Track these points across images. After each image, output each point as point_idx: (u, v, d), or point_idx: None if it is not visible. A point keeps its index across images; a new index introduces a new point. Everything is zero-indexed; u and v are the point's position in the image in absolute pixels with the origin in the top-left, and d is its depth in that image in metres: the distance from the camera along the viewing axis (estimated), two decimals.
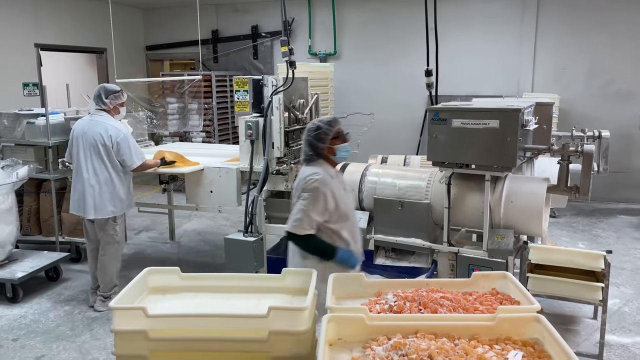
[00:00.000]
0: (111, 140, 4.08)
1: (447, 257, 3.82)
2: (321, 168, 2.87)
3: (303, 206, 2.78)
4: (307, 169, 2.89)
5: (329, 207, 2.80)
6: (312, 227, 2.79)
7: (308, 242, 2.83)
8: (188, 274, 2.47)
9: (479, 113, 3.52)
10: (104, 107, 4.19)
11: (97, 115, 4.18)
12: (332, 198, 2.81)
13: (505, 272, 2.42)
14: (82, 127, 4.18)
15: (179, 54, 10.05)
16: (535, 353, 1.87)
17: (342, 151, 2.93)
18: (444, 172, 3.73)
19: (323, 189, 2.79)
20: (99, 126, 4.11)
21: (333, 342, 2.00)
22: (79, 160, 4.14)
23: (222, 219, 6.84)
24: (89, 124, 4.17)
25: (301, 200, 2.80)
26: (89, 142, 4.10)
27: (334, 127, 2.89)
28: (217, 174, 4.52)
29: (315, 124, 2.91)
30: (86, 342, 3.81)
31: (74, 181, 4.22)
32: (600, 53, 7.39)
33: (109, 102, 4.19)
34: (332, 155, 2.91)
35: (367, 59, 8.50)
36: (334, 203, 2.82)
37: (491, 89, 7.56)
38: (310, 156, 2.92)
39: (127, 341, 2.08)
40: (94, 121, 4.16)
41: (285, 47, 4.09)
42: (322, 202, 2.78)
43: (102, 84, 4.35)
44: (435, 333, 1.98)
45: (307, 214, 2.76)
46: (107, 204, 4.13)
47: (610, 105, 7.25)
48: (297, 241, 2.87)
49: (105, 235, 4.22)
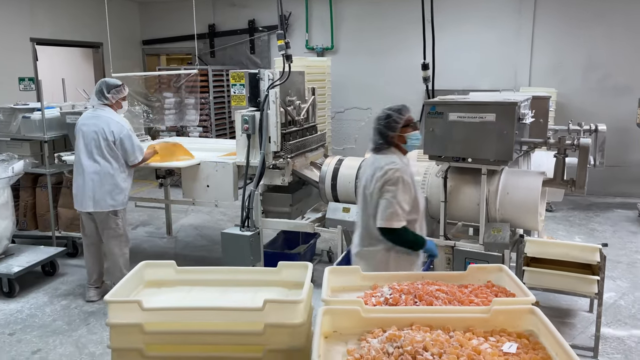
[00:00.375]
0: (114, 136, 4.08)
1: (444, 251, 3.82)
2: (394, 156, 2.82)
3: (392, 198, 2.72)
4: (381, 159, 2.84)
5: (411, 197, 2.78)
6: (405, 219, 2.76)
7: (403, 235, 2.78)
8: (184, 268, 2.47)
9: (476, 106, 3.52)
10: (106, 102, 4.19)
11: (100, 109, 4.19)
12: (412, 187, 2.80)
13: (501, 265, 2.42)
14: (85, 121, 4.19)
15: (175, 49, 10.01)
16: (530, 345, 1.88)
17: (413, 139, 2.87)
18: (441, 166, 3.73)
19: (406, 178, 2.76)
20: (102, 120, 4.12)
21: (328, 335, 2.00)
22: (80, 153, 4.14)
23: (219, 213, 6.84)
24: (91, 119, 4.17)
25: (387, 193, 2.73)
26: (90, 136, 4.10)
27: (405, 115, 2.85)
28: (213, 168, 4.52)
29: (385, 112, 2.86)
30: (83, 337, 3.81)
31: (75, 175, 4.22)
32: (597, 47, 7.39)
33: (110, 96, 4.20)
34: (402, 143, 2.87)
35: (364, 53, 8.48)
36: (413, 191, 2.80)
37: (488, 83, 7.55)
38: (380, 145, 2.87)
39: (123, 334, 2.08)
40: (97, 115, 4.16)
41: (281, 41, 4.08)
42: (408, 191, 2.75)
43: (103, 79, 4.35)
44: (431, 325, 1.98)
45: (399, 205, 2.72)
46: (106, 198, 4.12)
47: (607, 99, 7.25)
48: (390, 235, 2.78)
49: (107, 229, 4.22)
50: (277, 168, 4.40)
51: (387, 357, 1.78)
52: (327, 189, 4.39)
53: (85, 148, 4.11)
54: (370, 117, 8.69)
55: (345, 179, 4.30)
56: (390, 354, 1.80)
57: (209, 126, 8.17)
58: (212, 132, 8.17)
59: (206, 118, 8.14)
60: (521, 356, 1.79)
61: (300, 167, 4.58)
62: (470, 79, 7.75)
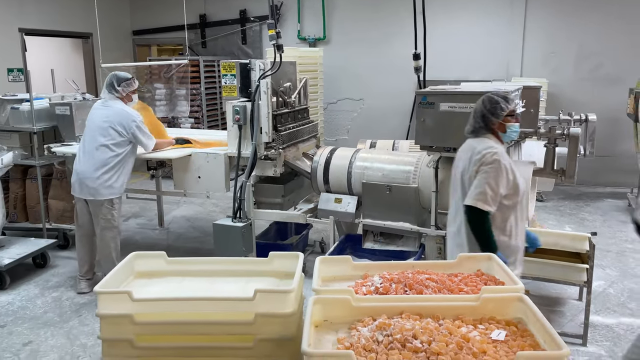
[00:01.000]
0: (124, 126, 4.12)
1: (435, 241, 3.84)
2: (491, 142, 2.79)
3: (485, 179, 2.69)
4: (478, 143, 2.81)
5: (509, 182, 2.73)
6: (495, 204, 2.70)
7: (483, 221, 2.70)
8: (174, 259, 2.47)
9: (466, 97, 3.52)
10: (117, 95, 4.23)
11: (112, 101, 4.23)
12: (511, 172, 2.75)
13: (490, 254, 2.44)
14: (95, 111, 4.25)
15: (166, 39, 9.92)
16: (519, 332, 1.90)
17: (512, 130, 2.83)
18: (432, 156, 3.74)
19: (503, 162, 2.71)
20: (113, 111, 4.16)
21: (319, 324, 2.01)
22: (84, 142, 4.18)
23: (211, 205, 6.82)
24: (102, 109, 4.22)
25: (482, 174, 2.70)
26: (97, 125, 4.14)
27: (510, 105, 2.82)
28: (204, 159, 4.50)
29: (492, 98, 2.82)
30: (74, 328, 3.80)
31: (75, 163, 4.22)
32: (589, 37, 7.40)
33: (121, 89, 4.24)
34: (502, 132, 2.83)
35: (356, 43, 8.44)
36: (511, 176, 2.75)
37: (480, 73, 7.54)
38: (479, 129, 2.84)
39: (113, 325, 2.08)
40: (108, 106, 4.21)
41: (272, 31, 4.06)
42: (504, 175, 2.71)
43: (113, 72, 4.38)
44: (420, 314, 2.00)
45: (491, 188, 2.68)
46: (104, 186, 4.13)
47: (599, 90, 7.28)
48: (472, 216, 2.72)
49: (102, 220, 4.20)
50: (268, 159, 4.39)
51: (376, 345, 1.80)
52: (319, 180, 4.40)
53: (92, 137, 4.14)
54: (362, 108, 8.68)
55: (338, 170, 4.30)
56: (380, 342, 1.81)
57: (201, 117, 8.13)
58: (203, 123, 8.13)
59: (198, 109, 8.10)
60: (509, 343, 1.81)
61: (292, 158, 4.57)
62: (462, 69, 7.74)
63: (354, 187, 4.24)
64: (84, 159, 4.14)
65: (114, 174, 4.13)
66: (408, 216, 3.96)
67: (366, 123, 8.54)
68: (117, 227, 4.29)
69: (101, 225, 4.21)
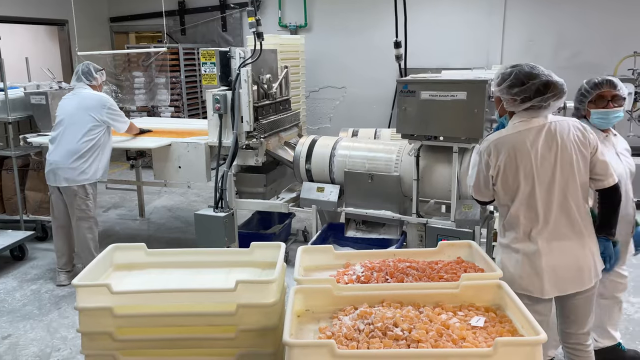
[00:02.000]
0: (96, 110, 4.10)
1: (416, 228, 3.87)
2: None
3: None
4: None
5: None
6: None
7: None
8: (154, 250, 2.44)
9: (447, 85, 3.53)
10: (92, 83, 4.26)
11: (85, 89, 4.24)
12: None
13: (470, 241, 2.47)
14: (64, 101, 4.23)
15: (144, 26, 9.73)
16: (497, 318, 1.93)
17: (595, 117, 2.73)
18: (413, 145, 3.75)
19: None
20: (81, 97, 4.17)
21: (301, 314, 2.02)
22: (58, 131, 4.14)
23: (193, 194, 6.77)
24: (71, 98, 4.21)
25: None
26: (68, 113, 4.12)
27: (595, 91, 2.72)
28: (185, 149, 4.45)
29: (584, 82, 2.81)
30: (54, 321, 3.76)
31: (49, 152, 4.17)
32: (568, 25, 7.46)
33: (98, 77, 4.29)
34: (588, 117, 2.75)
35: (338, 31, 8.39)
36: None
37: (462, 61, 7.57)
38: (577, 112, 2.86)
39: (92, 318, 2.06)
40: (86, 93, 4.21)
41: (252, 18, 4.01)
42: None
43: (85, 62, 4.37)
44: (401, 302, 2.02)
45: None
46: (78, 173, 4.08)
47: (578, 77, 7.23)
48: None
49: (77, 210, 4.14)
50: (250, 148, 4.35)
51: (358, 334, 1.81)
52: (301, 169, 4.38)
53: (64, 126, 4.10)
54: (344, 96, 8.66)
55: (320, 159, 4.29)
56: (361, 330, 1.82)
57: (181, 106, 8.03)
58: (184, 112, 8.03)
59: (178, 98, 7.99)
60: (488, 329, 1.84)
61: (274, 147, 4.54)
62: (444, 57, 7.76)
63: (336, 176, 4.24)
64: (57, 148, 4.11)
65: (87, 160, 4.10)
66: (390, 204, 3.98)
67: (349, 111, 8.52)
68: (93, 217, 4.24)
69: (77, 215, 4.16)
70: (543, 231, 2.25)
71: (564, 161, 2.25)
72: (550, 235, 2.25)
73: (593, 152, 2.28)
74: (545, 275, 2.24)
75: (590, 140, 2.28)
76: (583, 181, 2.28)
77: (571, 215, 2.26)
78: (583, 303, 2.38)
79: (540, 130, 2.26)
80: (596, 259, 2.31)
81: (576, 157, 2.25)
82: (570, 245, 2.26)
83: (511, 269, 2.30)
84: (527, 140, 2.25)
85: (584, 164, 2.27)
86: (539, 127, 2.27)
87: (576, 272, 2.27)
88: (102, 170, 4.22)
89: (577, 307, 2.39)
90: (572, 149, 2.25)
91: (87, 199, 4.16)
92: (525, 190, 2.26)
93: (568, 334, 2.47)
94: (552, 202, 2.25)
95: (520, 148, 2.25)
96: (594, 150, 2.28)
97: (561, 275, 2.26)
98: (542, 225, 2.25)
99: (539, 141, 2.24)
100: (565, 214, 2.25)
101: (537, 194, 2.25)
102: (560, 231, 2.25)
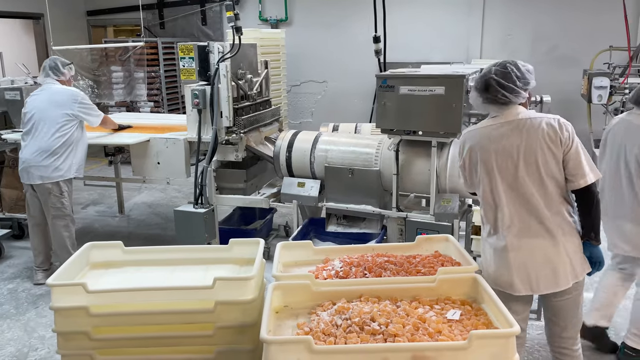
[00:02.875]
0: (67, 105, 4.00)
1: (397, 222, 3.90)
2: None
3: None
4: None
5: None
6: None
7: None
8: (131, 248, 2.42)
9: (425, 80, 3.55)
10: (60, 78, 4.14)
11: (54, 85, 4.12)
12: None
13: (447, 235, 2.50)
14: (33, 98, 4.11)
15: (122, 20, 9.56)
16: (473, 311, 1.96)
17: None
18: (392, 139, 3.77)
19: None
20: (51, 92, 4.06)
21: (280, 310, 2.03)
22: (29, 127, 4.03)
23: (173, 190, 6.71)
24: (39, 94, 4.09)
25: None
26: (39, 109, 4.00)
27: None
28: (163, 144, 4.40)
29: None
30: (31, 320, 3.70)
31: (22, 149, 4.09)
32: (545, 20, 7.55)
33: (66, 71, 4.16)
34: None
35: (319, 24, 8.36)
36: None
37: (441, 55, 7.62)
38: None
39: (68, 318, 2.04)
40: (56, 88, 4.09)
41: (230, 12, 3.97)
42: None
43: (53, 57, 4.24)
44: (379, 296, 2.03)
45: None
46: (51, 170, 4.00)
47: (554, 71, 7.44)
48: None
49: (52, 208, 4.08)
50: (230, 144, 4.33)
51: (336, 329, 1.82)
52: (281, 164, 4.37)
53: (34, 122, 4.00)
54: (326, 90, 8.65)
55: (300, 154, 4.29)
56: (339, 325, 1.83)
57: (161, 101, 7.93)
58: (164, 107, 7.93)
59: (157, 92, 7.89)
60: (464, 322, 1.87)
61: (254, 142, 4.53)
62: (423, 52, 7.79)
63: (316, 171, 4.24)
64: (28, 146, 4.02)
65: (60, 157, 4.01)
66: (370, 199, 4.00)
67: (330, 105, 8.52)
68: (68, 214, 4.17)
69: (52, 214, 4.09)
70: (512, 228, 2.23)
71: (529, 158, 2.19)
72: (519, 232, 2.23)
73: (566, 151, 2.18)
74: (515, 271, 2.23)
75: (562, 138, 2.18)
76: (555, 180, 2.20)
77: (540, 213, 2.20)
78: (564, 305, 2.31)
79: (506, 126, 2.24)
80: (574, 261, 2.23)
81: (543, 154, 2.18)
82: (541, 243, 2.21)
83: (484, 263, 2.35)
84: (491, 135, 2.25)
85: (555, 162, 2.19)
86: (506, 123, 2.24)
87: (549, 272, 2.22)
88: (77, 167, 4.13)
89: (558, 309, 2.34)
90: (538, 146, 2.18)
91: (62, 196, 4.08)
92: (487, 185, 2.26)
93: (552, 336, 2.43)
94: (517, 198, 2.22)
95: (483, 143, 2.26)
96: (567, 149, 2.18)
97: (532, 273, 2.22)
98: (508, 221, 2.23)
99: (503, 137, 2.22)
100: (533, 212, 2.20)
101: (500, 190, 2.23)
102: (530, 229, 2.22)
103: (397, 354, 1.67)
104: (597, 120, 6.54)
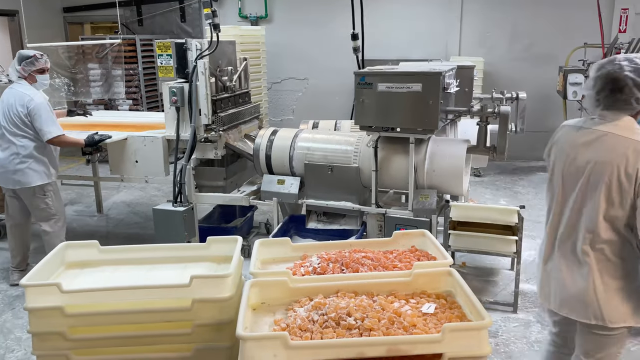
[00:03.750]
0: (26, 110, 3.86)
1: (376, 218, 3.93)
2: None
3: None
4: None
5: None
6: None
7: None
8: (107, 247, 2.40)
9: (403, 77, 3.58)
10: (18, 75, 3.98)
11: (17, 84, 3.99)
12: None
13: (424, 230, 2.53)
14: (3, 97, 4.00)
15: (100, 17, 9.44)
16: (447, 304, 1.99)
17: None
18: (371, 136, 3.79)
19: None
20: (13, 95, 3.92)
21: (257, 307, 2.03)
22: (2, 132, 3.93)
23: (153, 189, 6.65)
24: (7, 94, 3.98)
25: None
26: (4, 112, 3.90)
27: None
28: (141, 142, 4.36)
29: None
30: (8, 321, 3.65)
31: None
32: (522, 17, 7.67)
33: (21, 69, 3.96)
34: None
35: (299, 21, 8.36)
36: None
37: (420, 52, 7.68)
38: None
39: (43, 318, 2.02)
40: (13, 90, 3.96)
41: (208, 9, 3.95)
42: None
43: (20, 50, 4.10)
44: (356, 291, 2.05)
45: None
46: (29, 174, 3.92)
47: (531, 68, 7.58)
48: None
49: (37, 210, 4.01)
50: (209, 141, 4.31)
51: (312, 324, 1.84)
52: (261, 162, 4.37)
53: (6, 124, 3.91)
54: (307, 88, 8.65)
55: (280, 151, 4.29)
56: (315, 321, 1.85)
57: (139, 99, 7.85)
58: (143, 104, 7.85)
59: (136, 90, 7.81)
60: (439, 316, 1.90)
61: (233, 140, 4.51)
62: (402, 49, 7.85)
63: (296, 168, 4.25)
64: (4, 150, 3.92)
65: (34, 160, 3.92)
66: (350, 195, 4.02)
67: (311, 102, 8.53)
68: (55, 214, 4.10)
69: (38, 216, 4.02)
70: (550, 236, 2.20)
71: (592, 182, 1.98)
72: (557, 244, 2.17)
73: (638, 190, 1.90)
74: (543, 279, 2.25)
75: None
76: (610, 214, 1.97)
77: (576, 245, 2.07)
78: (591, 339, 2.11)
79: (592, 136, 2.02)
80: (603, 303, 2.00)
81: (608, 184, 1.94)
82: (575, 269, 2.09)
83: None
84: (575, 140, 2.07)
85: (619, 197, 1.93)
86: (594, 132, 2.02)
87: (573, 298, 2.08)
88: (52, 167, 4.06)
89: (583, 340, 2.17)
90: (606, 173, 1.94)
91: (46, 197, 4.02)
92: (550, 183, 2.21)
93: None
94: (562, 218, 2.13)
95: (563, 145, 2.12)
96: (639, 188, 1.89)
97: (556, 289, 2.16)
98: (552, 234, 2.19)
99: (581, 148, 2.03)
100: (571, 240, 2.10)
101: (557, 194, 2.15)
102: (566, 254, 2.12)
103: (372, 347, 1.69)
104: (573, 115, 6.66)
